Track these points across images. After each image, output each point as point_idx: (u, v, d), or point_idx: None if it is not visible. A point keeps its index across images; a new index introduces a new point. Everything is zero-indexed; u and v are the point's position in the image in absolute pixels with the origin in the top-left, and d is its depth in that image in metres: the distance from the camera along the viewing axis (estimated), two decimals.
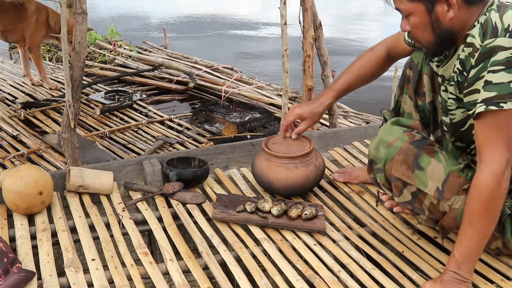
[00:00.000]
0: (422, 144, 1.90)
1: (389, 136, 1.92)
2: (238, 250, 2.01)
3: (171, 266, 1.90)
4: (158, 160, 2.53)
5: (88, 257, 1.92)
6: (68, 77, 2.51)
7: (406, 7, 1.75)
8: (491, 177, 1.64)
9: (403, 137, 1.90)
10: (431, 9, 1.71)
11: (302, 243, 2.07)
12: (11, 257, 1.79)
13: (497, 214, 1.69)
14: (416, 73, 2.10)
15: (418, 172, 1.86)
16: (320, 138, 2.88)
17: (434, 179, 1.85)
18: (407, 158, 1.87)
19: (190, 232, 2.12)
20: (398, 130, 1.93)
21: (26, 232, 2.05)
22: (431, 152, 1.88)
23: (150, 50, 6.21)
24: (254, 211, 2.21)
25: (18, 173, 2.11)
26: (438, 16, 1.72)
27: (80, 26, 2.49)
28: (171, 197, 2.34)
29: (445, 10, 1.70)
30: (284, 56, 2.91)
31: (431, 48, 1.83)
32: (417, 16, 1.74)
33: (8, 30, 4.40)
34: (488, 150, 1.66)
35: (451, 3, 1.68)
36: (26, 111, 4.11)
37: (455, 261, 1.73)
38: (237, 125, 3.71)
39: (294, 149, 2.35)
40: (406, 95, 2.17)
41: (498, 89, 1.59)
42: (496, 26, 1.62)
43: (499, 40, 1.60)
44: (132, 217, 2.19)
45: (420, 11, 1.73)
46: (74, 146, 2.61)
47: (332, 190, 2.50)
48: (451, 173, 1.85)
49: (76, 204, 2.25)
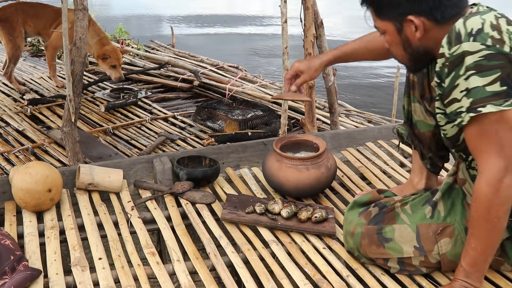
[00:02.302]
0: (380, 216, 1.89)
1: (349, 225, 1.94)
2: (246, 252, 1.99)
3: (178, 267, 1.88)
4: (168, 158, 2.52)
5: (95, 256, 1.91)
6: (69, 72, 2.52)
7: (379, 25, 1.77)
8: (486, 186, 1.59)
9: (360, 221, 1.91)
10: (400, 29, 1.72)
11: (311, 246, 2.04)
12: (18, 255, 1.79)
13: (499, 223, 1.63)
14: (420, 77, 2.04)
15: (389, 244, 1.85)
16: (333, 139, 2.85)
17: (407, 242, 1.83)
18: (372, 239, 1.87)
19: (199, 232, 2.11)
20: (354, 215, 1.94)
21: (34, 229, 2.05)
22: (391, 219, 1.87)
23: (158, 49, 6.23)
24: (264, 212, 2.18)
25: (27, 170, 2.11)
26: (407, 36, 1.72)
27: (81, 22, 2.49)
28: (180, 196, 2.33)
29: (413, 30, 1.70)
30: (285, 54, 2.92)
31: (409, 65, 1.84)
32: (389, 35, 1.76)
33: (44, 33, 4.47)
34: (481, 159, 1.61)
35: (416, 25, 1.68)
36: (32, 107, 4.15)
37: (463, 271, 1.70)
38: (239, 122, 3.72)
39: None
40: (415, 102, 2.10)
41: (473, 95, 1.56)
42: (459, 32, 1.57)
43: (464, 45, 1.55)
44: (141, 216, 2.18)
45: (391, 30, 1.74)
46: (75, 140, 2.62)
47: (344, 192, 2.47)
48: (419, 227, 1.83)
49: (85, 202, 2.25)
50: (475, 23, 1.57)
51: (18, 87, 4.55)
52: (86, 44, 2.54)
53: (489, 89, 1.53)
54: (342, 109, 4.29)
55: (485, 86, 1.53)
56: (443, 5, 1.65)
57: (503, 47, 1.54)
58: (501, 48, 1.54)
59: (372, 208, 1.93)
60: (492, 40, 1.54)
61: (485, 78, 1.53)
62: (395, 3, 1.68)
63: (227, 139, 3.59)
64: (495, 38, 1.55)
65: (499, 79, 1.53)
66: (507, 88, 1.53)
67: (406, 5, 1.66)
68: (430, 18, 1.67)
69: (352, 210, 1.98)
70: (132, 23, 9.10)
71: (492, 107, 1.53)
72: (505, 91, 1.53)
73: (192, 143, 3.63)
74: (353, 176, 2.60)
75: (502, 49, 1.54)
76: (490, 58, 1.53)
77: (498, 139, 1.57)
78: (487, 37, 1.54)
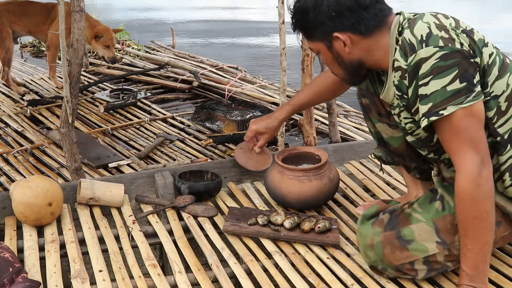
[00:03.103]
0: (394, 221, 1.86)
1: (366, 239, 1.88)
2: (249, 263, 1.96)
3: (179, 278, 1.86)
4: (170, 173, 2.51)
5: (96, 269, 1.88)
6: (66, 73, 2.53)
7: (312, 46, 1.86)
8: (467, 183, 1.60)
9: (376, 231, 1.86)
10: (330, 46, 1.79)
11: (315, 256, 2.01)
12: (17, 267, 1.77)
13: (488, 218, 1.63)
14: (370, 97, 2.09)
15: (411, 246, 1.80)
16: (336, 152, 2.83)
17: (428, 239, 1.79)
18: (393, 245, 1.81)
19: (201, 245, 2.08)
20: (367, 228, 1.90)
21: (34, 243, 2.03)
22: (406, 221, 1.84)
23: (158, 50, 6.29)
24: (266, 224, 2.16)
25: (28, 184, 2.10)
26: (338, 52, 1.79)
27: (78, 23, 2.50)
28: (182, 210, 2.31)
29: (342, 46, 1.76)
30: (282, 55, 2.93)
31: (347, 80, 1.91)
32: (322, 54, 1.84)
33: (35, 31, 4.48)
34: (456, 157, 1.63)
35: (343, 40, 1.73)
36: (32, 108, 4.18)
37: (465, 275, 1.67)
38: (237, 123, 3.73)
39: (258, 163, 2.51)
40: (377, 123, 2.15)
41: (433, 99, 1.59)
42: (411, 42, 1.62)
43: (419, 52, 1.59)
44: (143, 230, 2.16)
45: (322, 49, 1.82)
46: (72, 141, 2.62)
47: (347, 204, 2.44)
48: (436, 222, 1.80)
49: (86, 216, 2.23)
50: (422, 28, 1.62)
51: (17, 89, 4.58)
52: (83, 46, 2.55)
53: (450, 88, 1.57)
54: (341, 109, 4.29)
55: (445, 87, 1.57)
56: (364, 18, 1.71)
57: (454, 45, 1.58)
58: (453, 46, 1.58)
59: (383, 215, 1.90)
60: (443, 40, 1.58)
61: (444, 79, 1.57)
62: (319, 23, 1.74)
63: (225, 140, 3.60)
64: (444, 37, 1.59)
65: (458, 76, 1.56)
66: (467, 84, 1.57)
67: (330, 23, 1.73)
68: (355, 32, 1.73)
69: (363, 224, 1.93)
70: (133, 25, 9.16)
71: (452, 107, 1.57)
72: (466, 87, 1.57)
73: (190, 144, 3.64)
74: (356, 188, 2.58)
75: (454, 47, 1.58)
76: (446, 58, 1.57)
77: (469, 135, 1.60)
78: (437, 38, 1.59)
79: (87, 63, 5.50)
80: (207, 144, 3.53)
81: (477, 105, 1.60)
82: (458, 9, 10.50)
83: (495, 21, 10.02)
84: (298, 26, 1.82)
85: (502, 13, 11.54)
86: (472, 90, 1.57)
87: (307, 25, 1.78)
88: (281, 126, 2.40)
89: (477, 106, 1.59)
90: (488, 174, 1.61)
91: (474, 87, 1.58)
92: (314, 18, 1.74)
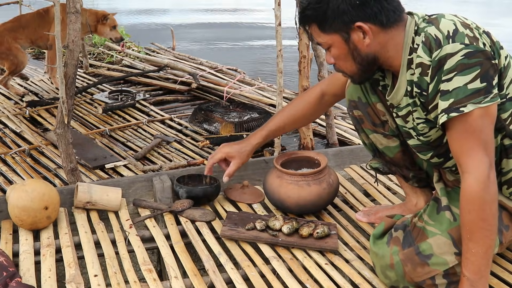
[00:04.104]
0: (409, 237, 1.83)
1: (384, 259, 1.84)
2: (246, 269, 1.94)
3: (175, 283, 1.84)
4: (168, 177, 2.49)
5: (91, 273, 1.87)
6: (62, 74, 2.52)
7: (324, 40, 1.77)
8: (477, 185, 1.58)
9: (394, 250, 1.82)
10: (347, 38, 1.72)
11: (313, 262, 1.99)
12: (11, 271, 1.75)
13: (493, 221, 1.61)
14: (363, 108, 2.06)
15: (432, 261, 1.76)
16: (336, 156, 2.81)
17: (447, 251, 1.76)
18: (414, 262, 1.78)
19: (198, 250, 2.06)
20: (382, 248, 1.86)
21: (30, 247, 2.01)
22: (422, 236, 1.80)
23: (158, 52, 6.30)
24: (264, 229, 2.14)
25: (24, 188, 2.09)
26: (355, 45, 1.73)
27: (74, 25, 2.50)
28: (180, 215, 2.29)
29: (361, 37, 1.71)
30: (279, 57, 2.93)
31: (357, 76, 1.84)
32: (336, 48, 1.76)
33: (36, 39, 4.53)
34: (467, 158, 1.61)
35: (365, 30, 1.69)
36: (31, 109, 4.20)
37: (467, 280, 1.64)
38: (234, 125, 3.72)
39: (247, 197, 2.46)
40: (371, 134, 2.12)
41: (455, 95, 1.57)
42: (437, 37, 1.61)
43: (446, 48, 1.58)
44: (140, 234, 2.14)
45: (338, 42, 1.74)
46: (68, 142, 2.61)
47: (347, 209, 2.42)
48: (452, 232, 1.77)
49: (83, 220, 2.21)
50: (448, 25, 1.62)
51: (16, 91, 4.60)
52: (79, 47, 2.55)
53: (470, 87, 1.56)
54: (339, 111, 4.27)
55: (466, 85, 1.56)
56: (385, 8, 1.68)
57: (478, 44, 1.58)
58: (477, 45, 1.58)
59: (396, 233, 1.86)
60: (468, 38, 1.58)
61: (467, 76, 1.56)
62: (340, 12, 1.68)
63: (222, 141, 3.59)
64: (469, 36, 1.59)
65: (479, 76, 1.56)
66: (486, 84, 1.57)
67: (352, 12, 1.68)
68: (376, 23, 1.69)
69: (376, 244, 1.90)
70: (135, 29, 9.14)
71: (472, 106, 1.56)
72: (485, 87, 1.57)
73: (187, 145, 3.63)
74: (356, 193, 2.55)
75: (478, 46, 1.58)
76: (470, 56, 1.56)
77: (483, 136, 1.59)
78: (463, 35, 1.59)
79: (87, 65, 5.51)
80: (204, 146, 3.53)
81: (493, 107, 1.60)
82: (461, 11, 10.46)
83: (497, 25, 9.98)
84: (313, 17, 1.74)
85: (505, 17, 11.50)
86: (490, 92, 1.57)
87: (325, 15, 1.70)
88: (252, 152, 2.34)
89: (493, 108, 1.60)
90: (494, 177, 1.60)
91: (492, 88, 1.58)
92: (336, 7, 1.67)
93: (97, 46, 6.46)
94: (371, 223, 2.29)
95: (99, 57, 6.17)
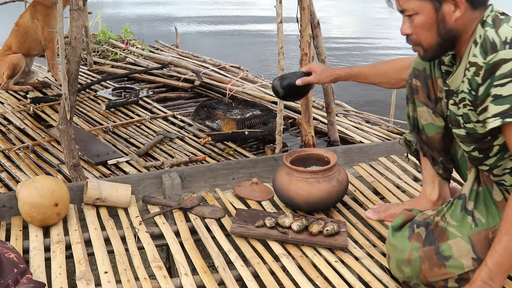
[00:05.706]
0: (431, 235, 1.82)
1: (403, 253, 1.84)
2: (255, 266, 1.94)
3: (185, 280, 1.84)
4: (177, 174, 2.49)
5: (101, 270, 1.87)
6: (64, 71, 2.53)
7: (413, 6, 1.72)
8: None
9: (414, 246, 1.82)
10: (438, 8, 1.69)
11: (322, 259, 1.98)
12: (21, 268, 1.75)
13: None
14: (424, 79, 2.03)
15: (449, 263, 1.76)
16: (345, 154, 2.80)
17: (465, 255, 1.76)
18: (432, 261, 1.78)
19: (207, 246, 2.06)
20: (404, 240, 1.86)
21: (40, 243, 2.01)
22: (443, 236, 1.80)
23: (162, 49, 6.29)
24: (274, 226, 2.13)
25: (34, 184, 2.09)
26: (444, 16, 1.70)
27: (76, 22, 2.50)
28: (189, 211, 2.29)
29: (452, 10, 1.68)
30: (280, 54, 2.91)
31: (432, 51, 1.78)
32: (423, 15, 1.71)
33: (32, 48, 4.61)
34: None
35: (458, 3, 1.67)
36: (35, 106, 4.21)
37: (487, 270, 1.64)
38: (236, 122, 3.72)
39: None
40: (420, 107, 2.09)
41: (510, 101, 1.57)
42: (494, 41, 1.60)
43: (500, 53, 1.57)
44: (149, 231, 2.14)
45: (427, 10, 1.70)
46: (70, 138, 2.62)
47: (356, 207, 2.41)
48: (472, 237, 1.77)
49: (92, 217, 2.21)
50: (507, 31, 1.61)
51: (20, 88, 4.62)
52: (81, 44, 2.56)
53: None
54: (341, 109, 4.27)
55: None
56: None
57: None
58: None
59: (418, 229, 1.86)
60: None
61: None
62: None
63: (223, 138, 3.59)
64: None
65: None
66: None
67: None
68: (468, 0, 1.68)
69: (396, 237, 1.89)
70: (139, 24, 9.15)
71: None
72: None
73: (189, 141, 3.64)
74: (365, 190, 2.54)
75: None
76: None
77: None
78: None
79: (91, 62, 5.51)
80: (206, 142, 3.53)
81: None
82: None
83: None
84: None
85: None
86: None
87: None
88: (332, 79, 2.34)
89: None
90: None
91: None
92: None
93: (102, 43, 6.47)
94: (381, 220, 2.28)
95: (103, 54, 6.17)
